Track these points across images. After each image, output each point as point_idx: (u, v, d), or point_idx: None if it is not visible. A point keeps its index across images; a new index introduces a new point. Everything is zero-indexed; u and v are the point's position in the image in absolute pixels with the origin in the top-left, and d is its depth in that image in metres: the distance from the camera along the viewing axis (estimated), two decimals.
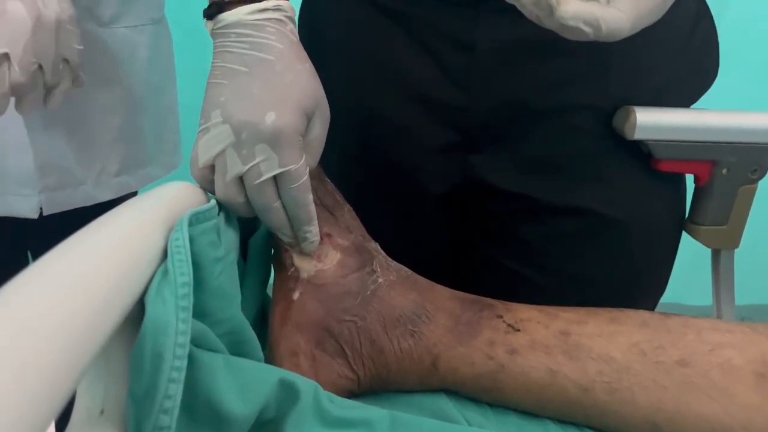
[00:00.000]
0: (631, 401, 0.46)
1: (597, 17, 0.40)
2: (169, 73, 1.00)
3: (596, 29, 0.41)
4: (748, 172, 0.59)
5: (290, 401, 0.42)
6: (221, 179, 0.47)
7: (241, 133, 0.46)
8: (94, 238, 0.34)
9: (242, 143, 0.46)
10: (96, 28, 0.84)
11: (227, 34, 0.48)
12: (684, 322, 0.49)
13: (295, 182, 0.47)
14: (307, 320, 0.49)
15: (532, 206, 0.62)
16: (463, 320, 0.50)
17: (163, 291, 0.35)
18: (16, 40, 0.60)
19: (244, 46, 0.47)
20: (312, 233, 0.49)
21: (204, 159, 0.47)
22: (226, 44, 0.48)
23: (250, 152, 0.46)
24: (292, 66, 0.48)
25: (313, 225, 0.49)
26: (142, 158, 0.95)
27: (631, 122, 0.56)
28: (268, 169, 0.46)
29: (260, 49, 0.47)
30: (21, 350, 0.24)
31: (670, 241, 0.65)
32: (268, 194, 0.47)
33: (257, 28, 0.47)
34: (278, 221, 0.49)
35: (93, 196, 0.89)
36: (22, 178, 0.83)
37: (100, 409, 0.34)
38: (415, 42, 0.60)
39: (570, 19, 0.40)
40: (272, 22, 0.48)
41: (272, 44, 0.47)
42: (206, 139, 0.47)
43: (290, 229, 0.49)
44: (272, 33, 0.48)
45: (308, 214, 0.49)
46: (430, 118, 0.61)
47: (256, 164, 0.46)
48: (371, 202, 0.60)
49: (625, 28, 0.42)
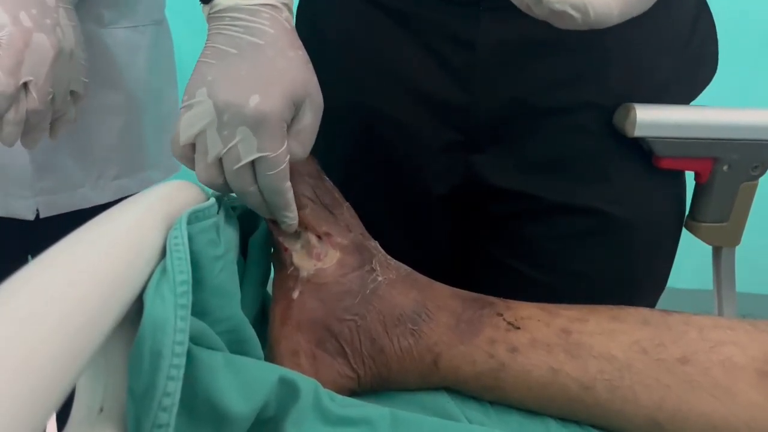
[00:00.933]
0: (632, 399, 0.45)
1: (585, 2, 0.40)
2: (169, 74, 1.00)
3: (584, 14, 0.41)
4: (749, 168, 0.58)
5: (290, 399, 0.42)
6: (202, 159, 0.47)
7: (224, 113, 0.46)
8: (93, 236, 0.34)
9: (224, 124, 0.46)
10: (96, 28, 0.84)
11: (222, 18, 0.48)
12: (685, 320, 0.48)
13: (273, 169, 0.46)
14: (308, 319, 0.49)
15: (534, 205, 0.62)
16: (463, 318, 0.49)
17: (162, 289, 0.35)
18: (39, 70, 0.61)
19: (237, 30, 0.47)
20: (289, 217, 0.49)
21: (185, 136, 0.47)
22: (220, 27, 0.48)
23: (231, 134, 0.46)
24: (284, 52, 0.47)
25: (291, 210, 0.49)
26: (142, 161, 0.94)
27: (631, 119, 0.56)
28: (246, 153, 0.46)
29: (253, 33, 0.47)
30: (20, 346, 0.24)
31: (671, 238, 0.65)
32: (245, 178, 0.47)
33: (252, 13, 0.47)
34: (255, 203, 0.49)
35: (91, 199, 0.88)
36: (20, 179, 0.83)
37: (100, 406, 0.34)
38: (416, 41, 0.60)
39: (557, 3, 0.40)
40: (267, 7, 0.48)
41: (265, 29, 0.47)
42: (188, 116, 0.47)
43: (268, 211, 0.49)
44: (266, 18, 0.47)
45: (285, 201, 0.48)
46: (432, 118, 0.61)
47: (234, 146, 0.46)
48: (373, 201, 0.60)
49: (614, 14, 0.42)
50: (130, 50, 0.88)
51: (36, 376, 0.24)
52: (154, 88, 0.94)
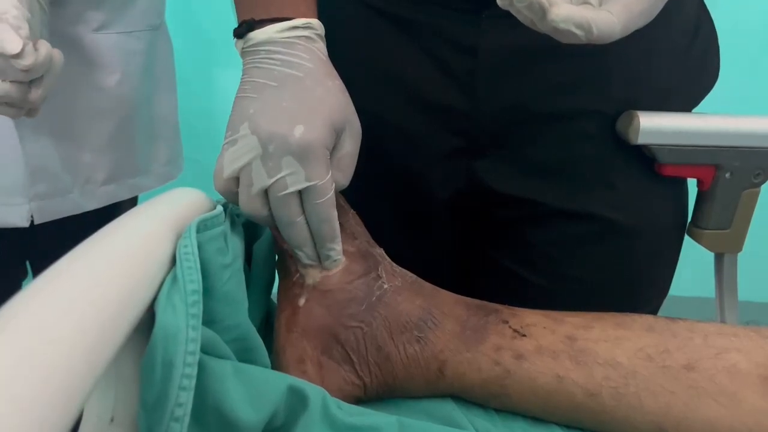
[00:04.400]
0: (638, 406, 0.46)
1: (588, 20, 0.41)
2: (166, 80, 0.99)
3: (587, 32, 0.41)
4: (752, 176, 0.59)
5: (299, 408, 0.42)
6: (246, 191, 0.47)
7: (269, 145, 0.46)
8: (103, 247, 0.34)
9: (269, 155, 0.46)
10: (86, 33, 0.83)
11: (257, 52, 0.48)
12: (690, 327, 0.49)
13: (321, 198, 0.46)
14: (313, 327, 0.49)
15: (536, 211, 0.62)
16: (469, 326, 0.50)
17: (173, 298, 0.35)
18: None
19: (273, 63, 0.47)
20: (335, 251, 0.49)
21: (229, 171, 0.47)
22: (256, 61, 0.48)
23: (277, 165, 0.46)
24: (322, 82, 0.48)
25: (337, 242, 0.49)
26: (132, 168, 0.93)
27: (634, 127, 0.56)
28: (294, 183, 0.46)
29: (290, 65, 0.47)
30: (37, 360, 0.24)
31: (673, 244, 0.65)
32: (293, 208, 0.47)
33: (287, 46, 0.48)
34: (300, 237, 0.48)
35: (80, 204, 0.88)
36: (13, 186, 0.82)
37: (111, 416, 0.34)
38: (419, 48, 0.60)
39: (561, 22, 0.40)
40: (302, 39, 0.48)
41: (301, 62, 0.47)
42: (233, 151, 0.47)
43: (312, 247, 0.49)
44: (302, 50, 0.48)
45: (332, 231, 0.48)
46: (434, 124, 0.61)
47: (282, 177, 0.46)
48: (377, 208, 0.60)
49: (616, 31, 0.42)
50: (123, 55, 0.88)
51: (54, 387, 0.24)
52: (147, 94, 0.93)
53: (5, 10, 0.62)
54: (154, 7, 0.93)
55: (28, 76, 0.63)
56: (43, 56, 0.62)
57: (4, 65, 0.61)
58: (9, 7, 0.62)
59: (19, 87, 0.63)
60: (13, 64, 0.60)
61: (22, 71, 0.61)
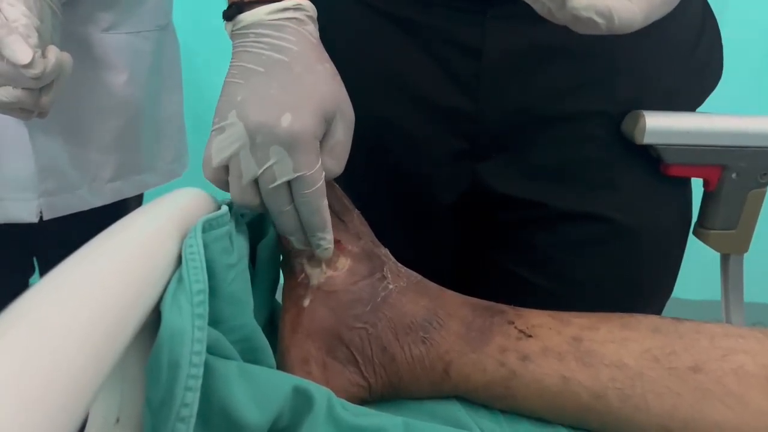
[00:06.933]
0: (644, 408, 0.45)
1: (610, 8, 0.40)
2: (173, 79, 1.00)
3: (609, 20, 0.40)
4: (758, 176, 0.59)
5: (304, 409, 0.41)
6: (237, 183, 0.47)
7: (256, 135, 0.45)
8: (109, 247, 0.34)
9: (257, 145, 0.45)
10: (95, 33, 0.84)
11: (246, 35, 0.47)
12: (696, 328, 0.48)
13: (309, 188, 0.46)
14: (318, 327, 0.49)
15: (541, 213, 0.62)
16: (474, 327, 0.49)
17: (178, 299, 0.35)
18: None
19: (262, 47, 0.47)
20: (326, 240, 0.49)
21: (218, 160, 0.47)
22: (245, 44, 0.47)
23: (265, 154, 0.45)
24: (311, 67, 0.47)
25: (327, 232, 0.49)
26: (138, 165, 0.95)
27: (640, 127, 0.56)
28: (282, 174, 0.45)
29: (278, 50, 0.46)
30: (43, 361, 0.24)
31: (677, 245, 0.65)
32: (282, 198, 0.47)
33: (276, 29, 0.47)
34: (291, 226, 0.48)
35: (88, 201, 0.89)
36: (22, 181, 0.83)
37: (116, 417, 0.34)
38: (423, 50, 0.60)
39: (583, 9, 0.40)
40: (292, 21, 0.47)
41: (290, 45, 0.47)
42: (220, 139, 0.47)
43: (303, 234, 0.49)
44: (291, 33, 0.47)
45: (322, 221, 0.48)
46: (438, 126, 0.61)
47: (269, 167, 0.45)
48: (381, 210, 0.59)
49: (638, 20, 0.41)
50: (131, 55, 0.89)
51: (61, 388, 0.24)
52: (154, 93, 0.94)
53: (15, 19, 0.62)
54: (162, 7, 0.94)
55: (39, 84, 0.64)
56: (52, 64, 0.63)
57: (16, 74, 0.62)
58: (19, 15, 0.63)
59: (30, 93, 0.64)
60: (23, 73, 0.61)
61: (33, 79, 0.62)
